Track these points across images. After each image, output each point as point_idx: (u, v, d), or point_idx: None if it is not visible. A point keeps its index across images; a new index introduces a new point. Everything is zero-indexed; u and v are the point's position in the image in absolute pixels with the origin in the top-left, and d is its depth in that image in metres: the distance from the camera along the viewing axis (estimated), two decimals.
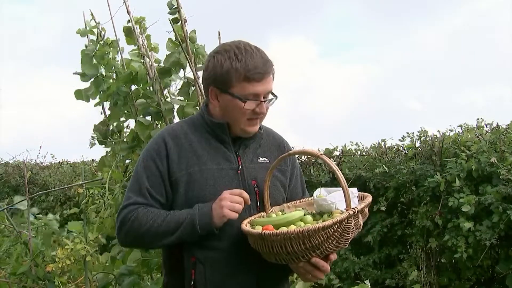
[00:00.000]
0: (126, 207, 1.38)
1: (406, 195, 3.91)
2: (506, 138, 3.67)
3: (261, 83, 1.37)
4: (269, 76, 1.39)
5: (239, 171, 1.42)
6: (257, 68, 1.35)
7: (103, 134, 2.74)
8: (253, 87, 1.36)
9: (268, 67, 1.39)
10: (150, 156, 1.42)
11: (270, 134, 1.57)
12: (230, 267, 1.36)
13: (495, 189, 3.34)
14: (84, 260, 2.79)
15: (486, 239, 3.26)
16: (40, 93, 15.54)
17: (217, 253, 1.36)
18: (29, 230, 2.99)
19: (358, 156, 4.65)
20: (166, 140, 1.42)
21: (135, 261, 2.39)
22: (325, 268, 1.27)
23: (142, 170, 1.41)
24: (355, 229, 1.26)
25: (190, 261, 1.37)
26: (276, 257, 1.26)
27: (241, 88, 1.36)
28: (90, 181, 3.13)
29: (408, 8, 14.15)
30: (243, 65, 1.35)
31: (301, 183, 1.60)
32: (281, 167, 1.51)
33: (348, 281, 4.07)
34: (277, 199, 1.47)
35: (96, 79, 2.63)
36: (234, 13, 14.46)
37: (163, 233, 1.33)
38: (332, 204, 1.31)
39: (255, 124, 1.42)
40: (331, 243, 1.21)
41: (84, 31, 2.72)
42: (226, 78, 1.37)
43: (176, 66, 2.41)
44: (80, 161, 8.01)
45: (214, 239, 1.35)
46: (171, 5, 2.35)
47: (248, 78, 1.35)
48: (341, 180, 1.23)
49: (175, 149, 1.41)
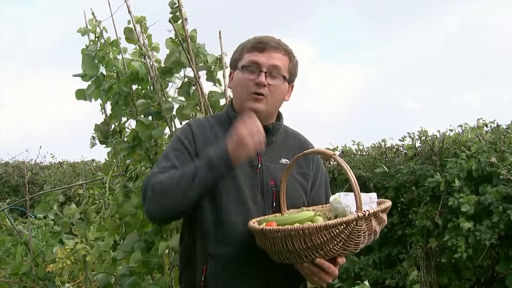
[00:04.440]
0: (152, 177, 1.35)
1: (406, 195, 3.91)
2: (506, 138, 3.67)
3: (263, 54, 1.40)
4: (276, 52, 1.41)
5: (258, 169, 1.41)
6: (261, 39, 1.41)
7: (103, 134, 2.74)
8: (254, 56, 1.40)
9: (275, 43, 1.41)
10: (179, 139, 1.43)
11: (296, 136, 1.56)
12: (241, 265, 1.35)
13: (495, 189, 3.35)
14: (84, 260, 2.79)
15: (486, 239, 3.26)
16: (40, 93, 15.57)
17: (230, 250, 1.35)
18: (29, 230, 2.99)
19: (358, 156, 4.66)
20: (193, 128, 1.45)
21: (136, 262, 2.39)
22: (331, 270, 1.22)
23: (171, 150, 1.41)
24: (367, 234, 1.21)
25: (203, 257, 1.36)
26: (279, 255, 1.24)
27: (245, 60, 1.42)
28: (91, 181, 3.13)
29: (401, 11, 14.21)
30: (251, 40, 1.43)
31: (326, 189, 1.56)
32: (303, 170, 1.49)
33: (348, 281, 4.08)
34: (296, 202, 1.44)
35: (96, 79, 2.63)
36: (233, 14, 14.47)
37: (184, 183, 1.28)
38: (347, 207, 1.27)
39: (259, 101, 1.39)
40: (337, 244, 1.17)
41: (85, 30, 2.71)
42: (237, 55, 1.46)
43: (176, 66, 2.41)
44: (80, 161, 8.02)
45: (228, 234, 1.34)
46: (173, 4, 2.35)
47: (251, 48, 1.41)
48: (352, 182, 1.18)
49: (201, 137, 1.42)
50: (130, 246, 2.44)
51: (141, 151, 2.52)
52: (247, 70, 1.40)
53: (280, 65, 1.41)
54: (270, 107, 1.43)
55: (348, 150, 4.80)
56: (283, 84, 1.43)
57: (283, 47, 1.43)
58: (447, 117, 12.77)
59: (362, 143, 4.77)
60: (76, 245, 2.71)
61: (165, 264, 2.57)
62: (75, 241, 2.73)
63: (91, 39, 2.72)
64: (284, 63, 1.42)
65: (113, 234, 2.65)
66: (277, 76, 1.41)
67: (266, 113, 1.43)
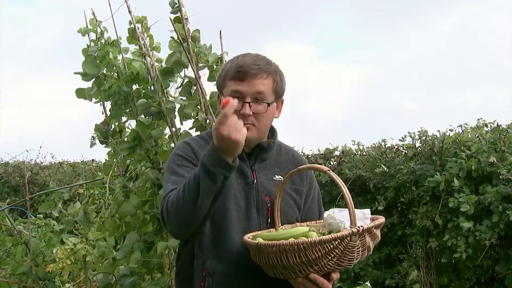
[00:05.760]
0: (164, 198, 1.33)
1: (406, 195, 3.91)
2: (506, 138, 3.67)
3: (245, 82, 1.35)
4: (257, 78, 1.36)
5: (254, 184, 1.41)
6: (242, 67, 1.35)
7: (104, 134, 2.74)
8: (235, 85, 1.36)
9: (256, 68, 1.36)
10: (181, 156, 1.41)
11: (289, 152, 1.56)
12: (238, 281, 1.35)
13: (495, 189, 3.35)
14: (84, 260, 2.79)
15: (486, 239, 3.26)
16: (40, 94, 15.57)
17: (227, 267, 1.35)
18: (29, 230, 2.99)
19: (358, 156, 4.65)
20: (191, 145, 1.44)
21: (136, 262, 2.39)
22: (325, 286, 1.23)
23: (176, 167, 1.39)
24: (361, 249, 1.22)
25: (201, 273, 1.36)
26: (274, 270, 1.24)
27: (227, 88, 1.38)
28: (91, 181, 3.13)
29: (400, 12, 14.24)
30: (232, 65, 1.38)
31: (318, 204, 1.57)
32: (297, 186, 1.50)
33: (348, 282, 4.08)
34: (290, 218, 1.45)
35: (97, 79, 2.63)
36: (234, 14, 14.48)
37: (189, 198, 1.25)
38: (341, 223, 1.28)
39: (248, 130, 1.31)
40: (331, 260, 1.18)
41: (85, 30, 2.72)
42: (221, 81, 1.42)
43: (177, 66, 2.41)
44: (80, 161, 8.01)
45: (225, 251, 1.35)
46: (173, 4, 2.35)
47: (232, 76, 1.37)
48: (347, 198, 1.19)
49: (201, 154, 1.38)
50: (130, 246, 2.44)
51: (141, 151, 2.52)
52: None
53: (264, 90, 1.37)
54: (260, 132, 1.42)
55: (348, 150, 4.79)
56: (270, 107, 1.40)
57: (264, 71, 1.37)
58: (447, 117, 12.79)
59: (362, 143, 4.77)
60: (76, 245, 2.71)
61: (165, 264, 2.57)
62: (75, 241, 2.73)
63: (92, 39, 2.72)
64: (268, 87, 1.38)
65: (113, 234, 2.65)
66: (262, 103, 1.37)
67: (257, 138, 1.42)
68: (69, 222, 2.89)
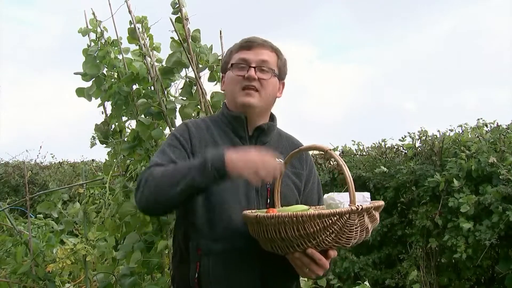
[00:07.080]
0: (147, 169, 1.33)
1: (406, 195, 3.91)
2: (506, 138, 3.68)
3: (251, 51, 1.45)
4: (263, 48, 1.46)
5: None
6: (249, 39, 1.47)
7: (104, 134, 2.74)
8: (243, 54, 1.45)
9: (263, 41, 1.46)
10: (175, 136, 1.44)
11: (289, 139, 1.58)
12: (235, 261, 1.35)
13: (495, 189, 3.35)
14: (84, 260, 2.79)
15: (486, 239, 3.27)
16: (40, 94, 15.58)
17: (222, 246, 1.35)
18: (29, 230, 2.99)
19: (358, 156, 4.66)
20: (189, 127, 1.46)
21: (136, 262, 2.39)
22: (322, 263, 1.22)
23: (167, 146, 1.41)
24: (359, 229, 1.22)
25: (196, 253, 1.37)
26: (272, 244, 1.24)
27: (234, 59, 1.47)
28: (91, 181, 3.12)
29: (400, 12, 14.25)
30: (238, 42, 1.49)
31: (318, 190, 1.58)
32: (297, 170, 1.51)
33: (348, 282, 4.08)
34: (289, 200, 1.45)
35: (97, 79, 2.64)
36: (234, 15, 14.48)
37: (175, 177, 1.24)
38: (340, 203, 1.28)
39: (251, 95, 1.42)
40: (329, 235, 1.18)
41: (85, 30, 2.72)
42: (226, 58, 1.52)
43: (178, 66, 2.41)
44: (80, 161, 8.02)
45: (222, 230, 1.35)
46: (174, 4, 2.35)
47: (238, 48, 1.47)
48: (347, 176, 1.20)
49: (197, 136, 1.44)
50: (130, 246, 2.44)
51: (141, 151, 2.52)
52: (237, 68, 1.45)
53: (268, 60, 1.45)
54: (263, 102, 1.45)
55: (348, 150, 4.80)
56: (273, 78, 1.46)
57: (269, 45, 1.48)
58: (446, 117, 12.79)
59: (362, 143, 4.78)
60: (76, 245, 2.71)
61: (165, 264, 2.57)
62: (75, 241, 2.73)
63: (92, 39, 2.72)
64: (272, 58, 1.47)
65: (113, 234, 2.65)
66: (266, 70, 1.44)
67: (259, 109, 1.45)
68: (69, 223, 2.89)
